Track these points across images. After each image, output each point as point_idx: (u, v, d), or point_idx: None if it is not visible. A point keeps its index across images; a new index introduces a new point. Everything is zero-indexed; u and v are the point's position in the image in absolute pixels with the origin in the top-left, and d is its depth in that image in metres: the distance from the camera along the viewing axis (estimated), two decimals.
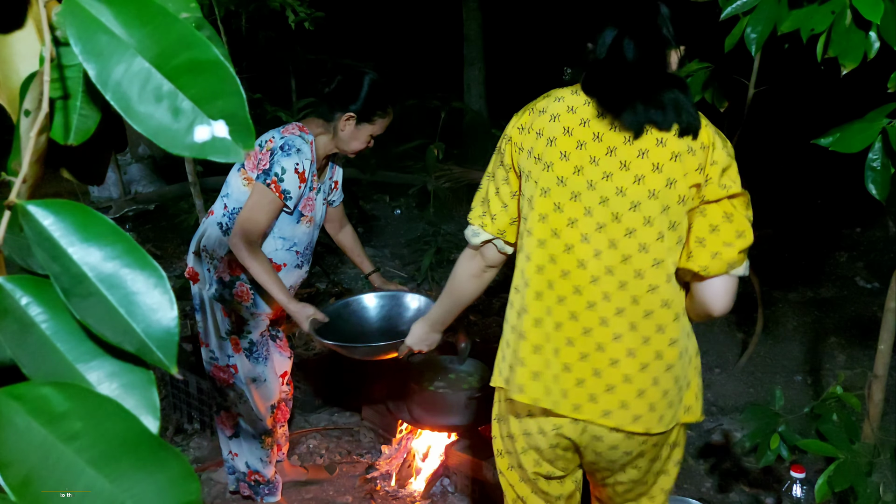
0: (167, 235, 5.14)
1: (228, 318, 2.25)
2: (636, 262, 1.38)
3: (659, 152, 1.35)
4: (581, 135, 1.39)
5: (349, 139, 2.15)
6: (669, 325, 1.41)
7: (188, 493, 0.39)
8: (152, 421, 0.43)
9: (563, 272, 1.41)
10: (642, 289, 1.38)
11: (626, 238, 1.37)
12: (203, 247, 2.23)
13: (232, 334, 2.27)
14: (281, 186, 2.06)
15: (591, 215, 1.38)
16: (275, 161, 2.05)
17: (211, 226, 2.22)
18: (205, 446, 2.87)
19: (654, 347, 1.40)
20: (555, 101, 1.43)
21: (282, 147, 2.06)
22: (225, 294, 2.21)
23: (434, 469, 2.62)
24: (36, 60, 0.53)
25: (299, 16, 3.71)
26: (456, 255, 4.75)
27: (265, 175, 2.05)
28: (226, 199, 2.19)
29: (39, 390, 0.39)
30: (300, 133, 2.11)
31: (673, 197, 1.36)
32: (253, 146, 0.44)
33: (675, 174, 1.35)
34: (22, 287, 0.44)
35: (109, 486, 0.38)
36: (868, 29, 1.63)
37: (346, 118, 2.11)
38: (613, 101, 1.37)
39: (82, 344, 0.43)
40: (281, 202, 2.08)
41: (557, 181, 1.39)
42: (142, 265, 0.43)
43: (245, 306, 2.23)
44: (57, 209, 0.43)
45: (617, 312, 1.39)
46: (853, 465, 1.68)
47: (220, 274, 2.20)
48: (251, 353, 2.30)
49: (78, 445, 0.38)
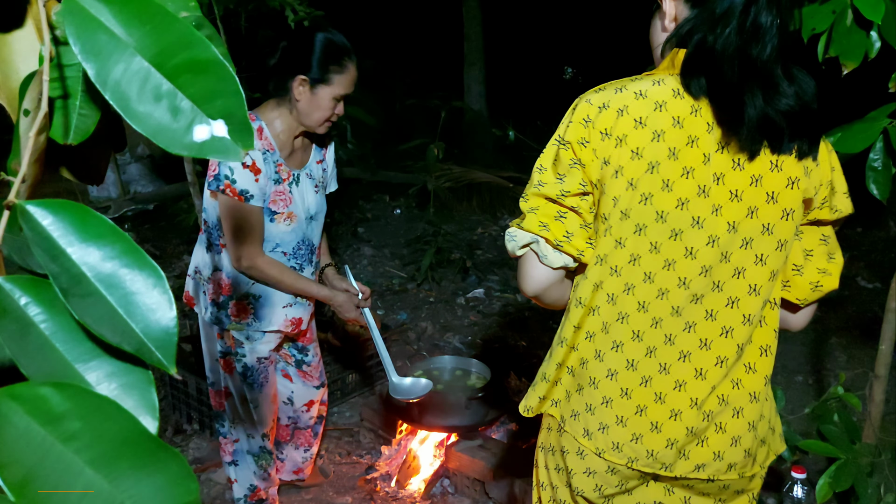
0: (166, 235, 5.14)
1: (222, 340, 2.09)
2: (745, 305, 1.17)
3: (773, 179, 1.11)
4: (688, 159, 1.11)
5: (309, 109, 1.89)
6: (762, 362, 1.23)
7: (187, 494, 0.39)
8: (151, 421, 0.43)
9: (655, 320, 1.19)
10: (746, 335, 1.19)
11: (735, 280, 1.16)
12: (196, 268, 2.10)
13: (226, 356, 2.10)
14: (235, 188, 1.86)
15: (695, 257, 1.15)
16: (220, 163, 1.86)
17: (198, 246, 2.09)
18: (204, 447, 2.87)
19: (747, 390, 1.22)
20: (656, 109, 1.11)
21: None
22: (221, 316, 2.04)
23: (434, 469, 2.62)
24: (35, 60, 0.53)
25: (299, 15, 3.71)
26: (456, 254, 4.75)
27: (216, 181, 1.87)
28: (204, 215, 2.04)
29: (38, 390, 0.39)
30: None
31: (789, 230, 1.15)
32: (252, 146, 0.44)
33: (791, 203, 1.13)
34: (21, 287, 0.44)
35: (108, 487, 0.38)
36: (869, 29, 1.63)
37: (298, 84, 1.86)
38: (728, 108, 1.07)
39: (81, 344, 0.43)
40: (248, 206, 1.89)
41: (657, 217, 1.14)
42: (141, 265, 0.43)
43: (246, 324, 2.05)
44: (56, 209, 0.43)
45: (718, 363, 1.19)
46: (854, 465, 1.67)
47: (212, 296, 2.05)
48: (245, 378, 2.12)
49: (77, 445, 0.38)
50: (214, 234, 2.00)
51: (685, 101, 1.11)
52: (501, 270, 4.73)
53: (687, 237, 1.14)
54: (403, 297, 4.35)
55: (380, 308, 4.09)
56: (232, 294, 2.01)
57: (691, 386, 1.20)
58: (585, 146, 1.16)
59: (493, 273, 4.70)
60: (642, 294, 1.18)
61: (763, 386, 1.24)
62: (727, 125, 1.08)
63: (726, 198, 1.11)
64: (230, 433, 2.23)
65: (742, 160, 1.10)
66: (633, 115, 1.12)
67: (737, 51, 1.04)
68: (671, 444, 1.21)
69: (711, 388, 1.19)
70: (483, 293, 4.46)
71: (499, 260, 4.93)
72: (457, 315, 4.19)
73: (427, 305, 4.28)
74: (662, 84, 1.12)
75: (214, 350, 2.11)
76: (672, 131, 1.10)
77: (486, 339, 3.86)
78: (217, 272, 2.01)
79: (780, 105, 1.06)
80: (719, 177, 1.11)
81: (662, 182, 1.12)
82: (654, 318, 1.19)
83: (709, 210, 1.12)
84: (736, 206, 1.12)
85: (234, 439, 2.24)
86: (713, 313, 1.17)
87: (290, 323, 2.08)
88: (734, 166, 1.10)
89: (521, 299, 4.43)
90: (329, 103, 1.89)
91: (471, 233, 5.50)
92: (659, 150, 1.11)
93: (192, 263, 2.11)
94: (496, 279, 4.64)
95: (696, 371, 1.19)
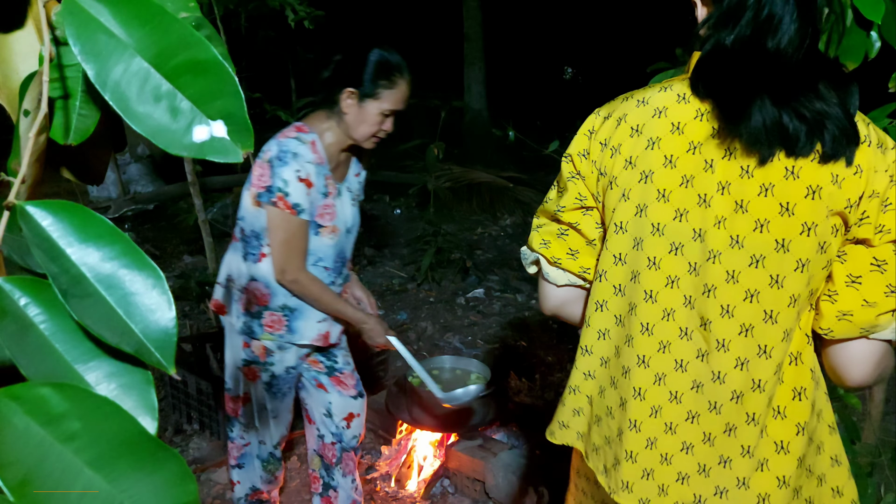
0: (166, 235, 5.14)
1: (248, 349, 2.03)
2: (760, 335, 1.02)
3: (789, 188, 0.97)
4: (688, 167, 1.02)
5: (356, 122, 1.88)
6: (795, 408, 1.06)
7: (186, 494, 0.39)
8: (150, 421, 0.43)
9: (664, 344, 1.08)
10: (767, 371, 1.03)
11: (747, 304, 1.02)
12: (229, 277, 2.03)
13: (251, 364, 2.05)
14: (289, 201, 1.83)
15: (698, 273, 1.04)
16: (274, 173, 1.83)
17: (232, 253, 2.03)
18: (204, 447, 2.87)
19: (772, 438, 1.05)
20: (654, 116, 1.05)
21: (278, 156, 1.83)
22: (253, 326, 1.99)
23: (434, 469, 2.62)
24: (35, 60, 0.53)
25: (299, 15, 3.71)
26: (456, 254, 4.75)
27: (268, 192, 1.83)
28: (241, 223, 1.97)
29: (38, 391, 0.39)
30: (297, 134, 1.87)
31: (811, 247, 0.98)
32: (252, 146, 0.44)
33: (814, 216, 0.97)
34: (21, 287, 0.44)
35: (107, 487, 0.38)
36: (869, 29, 1.63)
37: (347, 96, 1.86)
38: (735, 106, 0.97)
39: (81, 344, 0.43)
40: (299, 219, 1.86)
41: (653, 229, 1.06)
42: (140, 266, 0.43)
43: (279, 335, 2.01)
44: (55, 210, 0.43)
45: (733, 398, 1.05)
46: (854, 465, 1.67)
47: (246, 306, 1.99)
48: (269, 387, 2.08)
49: (76, 446, 0.38)
50: (252, 243, 1.95)
51: (690, 106, 1.03)
52: (501, 270, 4.73)
53: (689, 251, 1.04)
54: (403, 297, 4.35)
55: (380, 308, 4.09)
56: (268, 305, 1.98)
57: (704, 419, 1.06)
58: (585, 158, 1.12)
59: (493, 273, 4.70)
60: (646, 315, 1.08)
61: (795, 436, 1.05)
62: (728, 123, 0.98)
63: (730, 209, 1.00)
64: (240, 438, 2.19)
65: (751, 167, 0.98)
66: (631, 124, 1.07)
67: (751, 44, 0.96)
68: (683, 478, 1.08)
69: (728, 427, 1.05)
70: (483, 293, 4.46)
71: (499, 260, 4.93)
72: (457, 315, 4.19)
73: (427, 305, 4.28)
74: (669, 90, 1.06)
75: (238, 358, 2.07)
76: (669, 138, 1.03)
77: (486, 339, 3.86)
78: (254, 282, 1.96)
79: (799, 104, 0.94)
80: (724, 186, 1.00)
81: (658, 192, 1.04)
82: (660, 342, 1.08)
83: (710, 222, 1.01)
84: (741, 218, 1.00)
85: (245, 443, 2.19)
86: (725, 343, 1.04)
87: (321, 337, 2.07)
88: (742, 174, 0.99)
89: (521, 299, 4.43)
90: (376, 118, 1.88)
91: (471, 233, 5.50)
92: (653, 158, 1.04)
93: (224, 271, 2.05)
94: (496, 279, 4.64)
95: (710, 405, 1.06)
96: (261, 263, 1.95)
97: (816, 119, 0.93)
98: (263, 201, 1.85)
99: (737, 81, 0.97)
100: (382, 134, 1.93)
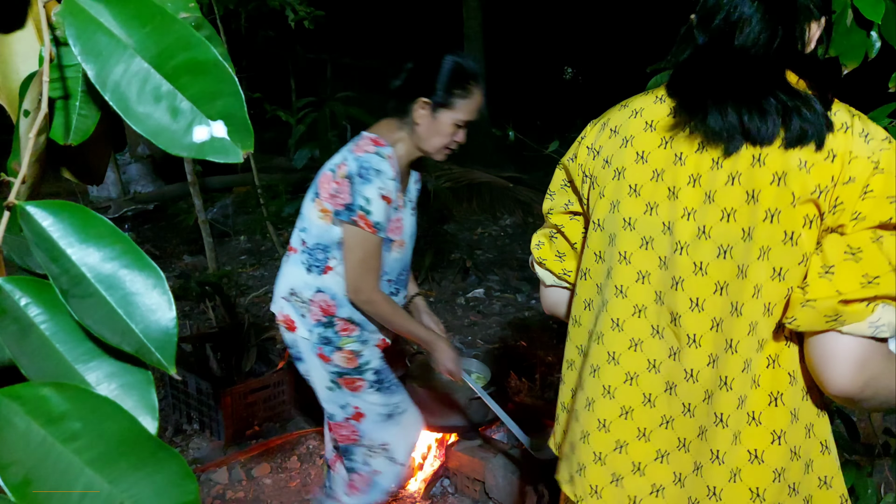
0: (166, 235, 5.14)
1: (331, 363, 1.90)
2: (729, 329, 0.99)
3: (755, 175, 0.96)
4: (659, 160, 1.04)
5: (428, 133, 1.81)
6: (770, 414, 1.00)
7: (186, 494, 0.39)
8: (151, 421, 0.43)
9: (635, 342, 1.06)
10: (736, 368, 0.99)
11: (716, 297, 1.00)
12: (291, 290, 1.92)
13: (343, 375, 1.91)
14: (370, 220, 1.75)
15: (667, 267, 1.03)
16: (355, 191, 1.73)
17: (293, 265, 1.92)
18: (204, 447, 2.87)
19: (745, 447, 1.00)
20: (631, 116, 1.08)
21: (359, 173, 1.73)
22: (329, 334, 1.89)
23: (434, 469, 2.62)
24: (35, 60, 0.53)
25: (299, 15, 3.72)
26: (456, 254, 4.75)
27: (348, 211, 1.74)
28: (303, 235, 1.89)
29: (38, 391, 0.39)
30: (376, 149, 1.77)
31: (775, 235, 0.95)
32: (252, 147, 0.44)
33: (777, 202, 0.94)
34: (21, 288, 0.44)
35: (108, 487, 0.38)
36: (869, 29, 1.63)
37: (420, 106, 1.79)
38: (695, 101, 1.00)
39: (81, 345, 0.43)
40: (378, 237, 1.78)
41: (624, 224, 1.06)
42: (140, 266, 0.43)
43: (354, 337, 1.92)
44: (56, 210, 0.43)
45: (705, 398, 1.01)
46: (854, 465, 1.67)
47: (317, 317, 1.89)
48: (381, 384, 1.94)
49: (77, 446, 0.38)
50: (318, 255, 1.86)
51: (665, 105, 1.05)
52: (501, 270, 4.73)
53: (659, 245, 1.03)
54: None
55: None
56: (338, 313, 1.89)
57: (679, 424, 1.03)
58: (573, 161, 1.16)
59: (493, 273, 4.70)
60: (616, 310, 1.07)
61: (770, 444, 0.99)
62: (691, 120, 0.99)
63: (699, 200, 0.99)
64: (366, 465, 1.99)
65: (719, 158, 0.98)
66: (611, 126, 1.11)
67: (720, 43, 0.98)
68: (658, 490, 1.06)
69: (701, 430, 1.02)
70: (483, 293, 4.46)
71: (499, 260, 4.93)
72: (457, 315, 4.19)
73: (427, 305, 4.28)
74: (649, 93, 1.09)
75: (326, 378, 1.93)
76: (642, 135, 1.05)
77: (486, 339, 3.86)
78: (320, 293, 1.87)
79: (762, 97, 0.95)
80: (695, 178, 1.00)
81: (629, 187, 1.05)
82: (632, 340, 1.06)
83: (679, 213, 1.01)
84: (709, 208, 0.99)
85: (373, 471, 1.99)
86: (696, 338, 1.01)
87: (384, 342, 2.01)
88: (713, 166, 0.99)
89: (521, 299, 4.44)
90: (449, 129, 1.81)
91: (471, 233, 5.51)
92: (626, 155, 1.06)
93: (285, 285, 1.93)
94: (496, 279, 4.65)
95: (683, 407, 1.03)
96: (326, 276, 1.87)
97: (779, 109, 0.94)
98: (342, 219, 1.76)
99: (699, 79, 1.00)
100: (454, 146, 1.86)
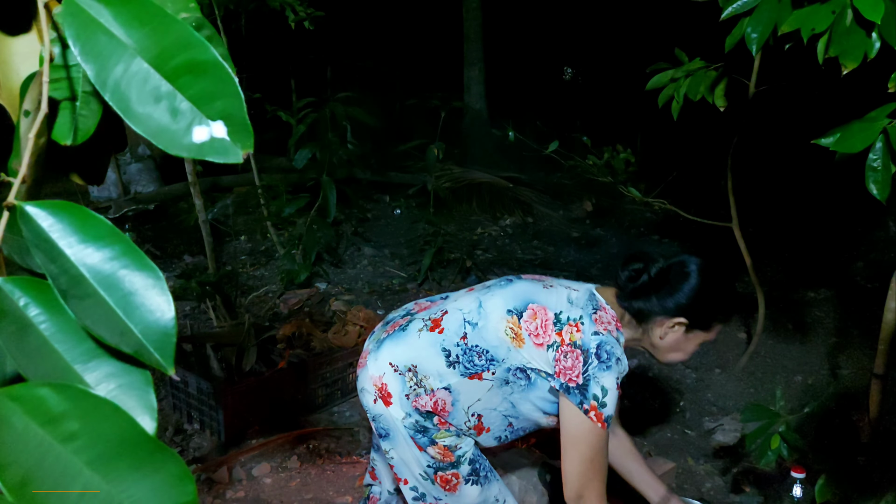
0: (166, 236, 5.14)
1: (425, 453, 1.69)
2: None
3: None
4: None
5: (671, 349, 1.65)
6: None
7: (185, 494, 0.39)
8: (149, 422, 0.43)
9: None
10: None
11: None
12: (411, 367, 1.68)
13: (438, 471, 1.70)
14: (603, 413, 1.55)
15: None
16: (592, 375, 1.55)
17: (430, 345, 1.68)
18: (204, 447, 2.87)
19: None
20: None
21: (598, 354, 1.56)
22: (427, 424, 1.67)
23: None
24: (36, 61, 0.53)
25: (299, 15, 3.72)
26: (456, 254, 4.75)
27: (581, 396, 1.55)
28: (469, 329, 1.67)
29: (37, 391, 0.39)
30: (617, 332, 1.61)
31: None
32: (252, 147, 0.44)
33: None
34: (20, 288, 0.44)
35: (106, 487, 0.38)
36: (869, 29, 1.63)
37: (674, 325, 1.61)
38: None
39: (80, 345, 0.43)
40: (606, 432, 1.58)
41: None
42: (140, 266, 0.43)
43: (452, 431, 1.70)
44: (55, 210, 0.43)
45: None
46: (853, 465, 1.67)
47: (423, 407, 1.67)
48: (477, 477, 1.73)
49: (75, 446, 0.38)
50: (474, 359, 1.66)
51: None
52: (501, 270, 4.72)
53: None
54: (403, 297, 4.35)
55: (380, 308, 4.09)
56: (448, 417, 1.68)
57: None
58: None
59: (493, 273, 4.70)
60: None
61: None
62: None
63: None
64: None
65: None
66: None
67: None
68: None
69: None
70: None
71: (499, 260, 4.93)
72: None
73: None
74: None
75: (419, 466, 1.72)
76: None
77: None
78: (446, 392, 1.66)
79: None
80: None
81: None
82: None
83: None
84: None
85: None
86: None
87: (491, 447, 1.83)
88: None
89: None
90: (695, 348, 1.68)
91: (471, 233, 5.50)
92: None
93: (405, 357, 1.70)
94: None
95: None
96: (469, 381, 1.66)
97: None
98: (573, 402, 1.56)
99: None
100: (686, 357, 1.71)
